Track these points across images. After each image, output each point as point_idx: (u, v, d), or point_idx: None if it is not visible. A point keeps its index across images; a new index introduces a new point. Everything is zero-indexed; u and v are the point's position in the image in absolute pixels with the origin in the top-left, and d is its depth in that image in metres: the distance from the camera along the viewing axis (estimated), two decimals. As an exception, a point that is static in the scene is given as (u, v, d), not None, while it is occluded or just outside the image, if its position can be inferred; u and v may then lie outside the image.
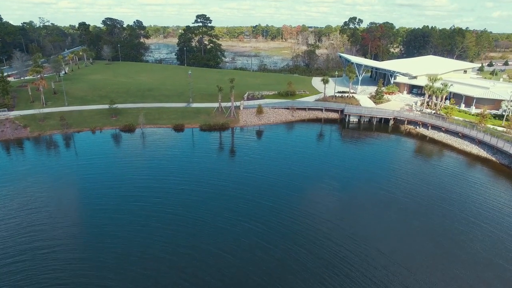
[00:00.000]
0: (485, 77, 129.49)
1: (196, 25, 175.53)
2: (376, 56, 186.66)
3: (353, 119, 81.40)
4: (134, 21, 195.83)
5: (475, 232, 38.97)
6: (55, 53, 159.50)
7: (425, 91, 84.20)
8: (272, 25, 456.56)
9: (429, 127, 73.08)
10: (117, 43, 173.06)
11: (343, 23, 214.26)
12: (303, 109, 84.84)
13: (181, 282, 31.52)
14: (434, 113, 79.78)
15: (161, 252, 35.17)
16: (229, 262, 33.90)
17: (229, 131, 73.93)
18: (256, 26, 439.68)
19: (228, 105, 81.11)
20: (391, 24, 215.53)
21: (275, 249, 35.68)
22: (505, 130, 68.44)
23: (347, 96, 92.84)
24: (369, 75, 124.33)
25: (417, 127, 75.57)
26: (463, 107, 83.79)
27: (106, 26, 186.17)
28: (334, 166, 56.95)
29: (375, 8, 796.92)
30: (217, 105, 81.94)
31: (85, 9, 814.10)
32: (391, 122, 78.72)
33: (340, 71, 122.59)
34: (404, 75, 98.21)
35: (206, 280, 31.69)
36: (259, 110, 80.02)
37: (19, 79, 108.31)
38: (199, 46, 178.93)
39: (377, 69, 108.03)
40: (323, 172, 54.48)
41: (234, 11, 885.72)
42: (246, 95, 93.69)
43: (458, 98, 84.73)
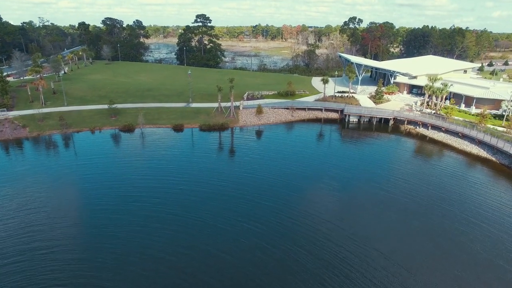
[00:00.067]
0: (485, 77, 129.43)
1: (196, 25, 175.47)
2: (376, 56, 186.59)
3: (353, 119, 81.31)
4: (134, 21, 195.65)
5: (475, 232, 38.87)
6: (54, 53, 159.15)
7: (425, 91, 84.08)
8: (272, 25, 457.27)
9: (429, 127, 72.97)
10: (116, 43, 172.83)
11: (343, 23, 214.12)
12: (303, 109, 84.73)
13: (180, 282, 31.43)
14: (434, 113, 79.67)
15: (160, 252, 35.06)
16: (228, 262, 33.80)
17: (228, 131, 73.83)
18: (256, 26, 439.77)
19: (227, 105, 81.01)
20: (391, 24, 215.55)
21: (274, 250, 35.57)
22: (505, 130, 68.34)
23: (347, 96, 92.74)
24: (369, 75, 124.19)
25: (417, 127, 75.48)
26: (463, 107, 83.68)
27: (105, 26, 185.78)
28: (333, 166, 56.86)
29: (375, 8, 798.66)
30: (216, 105, 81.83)
31: (85, 9, 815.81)
32: (391, 122, 78.63)
33: (340, 71, 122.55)
34: (404, 75, 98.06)
35: (205, 280, 31.59)
36: (259, 110, 79.94)
37: (19, 79, 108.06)
38: (199, 46, 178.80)
39: (377, 69, 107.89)
40: (323, 172, 54.38)
41: (234, 11, 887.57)
42: (245, 95, 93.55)
43: (458, 98, 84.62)
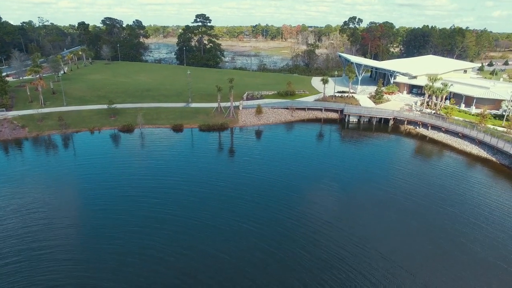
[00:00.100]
0: (485, 77, 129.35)
1: (195, 24, 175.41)
2: (376, 55, 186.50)
3: (353, 119, 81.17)
4: (133, 21, 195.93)
5: (475, 233, 38.74)
6: (54, 53, 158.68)
7: (425, 91, 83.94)
8: (272, 24, 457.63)
9: (429, 127, 72.82)
10: (116, 42, 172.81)
11: (343, 23, 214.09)
12: (303, 109, 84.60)
13: (179, 283, 31.30)
14: (434, 113, 79.52)
15: (159, 252, 34.93)
16: (227, 263, 33.67)
17: (228, 131, 73.68)
18: (256, 25, 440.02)
19: (227, 105, 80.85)
20: (391, 23, 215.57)
21: (274, 250, 35.42)
22: (505, 130, 68.18)
23: (347, 96, 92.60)
24: (369, 75, 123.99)
25: (417, 127, 75.33)
26: (463, 107, 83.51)
27: (105, 25, 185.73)
28: (333, 166, 56.71)
29: (375, 7, 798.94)
30: (216, 105, 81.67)
31: (85, 9, 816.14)
32: (391, 122, 78.49)
33: (339, 71, 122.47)
34: (404, 75, 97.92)
35: (204, 281, 31.46)
36: (259, 110, 79.76)
37: (18, 79, 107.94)
38: (199, 45, 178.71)
39: (377, 69, 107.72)
40: (323, 172, 54.23)
41: (234, 11, 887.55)
42: (245, 95, 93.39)
43: (458, 98, 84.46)
